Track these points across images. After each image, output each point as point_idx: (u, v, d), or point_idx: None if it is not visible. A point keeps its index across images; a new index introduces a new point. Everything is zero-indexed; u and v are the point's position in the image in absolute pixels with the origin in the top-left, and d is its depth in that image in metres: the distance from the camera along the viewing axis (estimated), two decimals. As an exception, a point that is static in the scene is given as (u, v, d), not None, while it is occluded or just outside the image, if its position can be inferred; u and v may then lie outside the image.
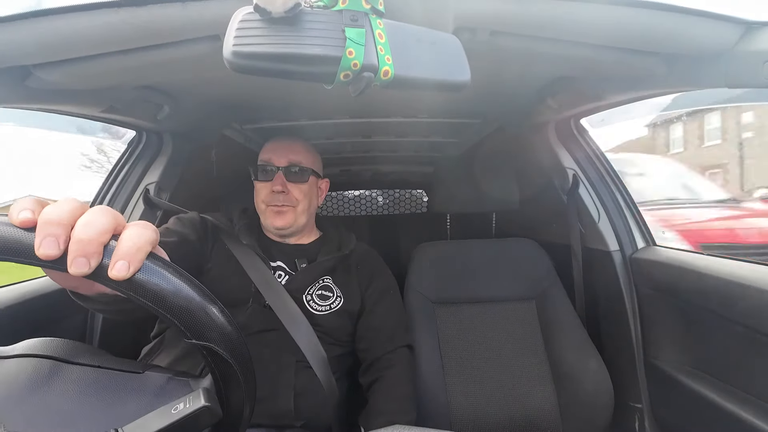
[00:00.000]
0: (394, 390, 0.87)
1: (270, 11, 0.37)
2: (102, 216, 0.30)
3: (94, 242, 0.29)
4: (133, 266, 0.30)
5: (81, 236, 0.29)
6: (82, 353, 0.37)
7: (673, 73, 0.68)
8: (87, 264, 0.29)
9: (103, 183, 1.11)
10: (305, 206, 0.94)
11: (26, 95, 0.65)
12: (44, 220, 0.29)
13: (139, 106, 0.88)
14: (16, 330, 0.80)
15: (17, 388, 0.33)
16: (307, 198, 0.94)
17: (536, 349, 1.08)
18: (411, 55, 0.43)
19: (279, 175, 0.91)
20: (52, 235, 0.28)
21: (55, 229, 0.29)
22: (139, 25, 0.52)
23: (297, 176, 0.93)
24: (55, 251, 0.28)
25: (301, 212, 0.94)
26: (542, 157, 1.23)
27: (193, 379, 0.37)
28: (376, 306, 0.95)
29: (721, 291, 0.80)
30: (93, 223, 0.30)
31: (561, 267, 1.19)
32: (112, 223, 0.31)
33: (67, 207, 0.30)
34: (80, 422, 0.32)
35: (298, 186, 0.93)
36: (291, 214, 0.92)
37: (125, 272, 0.29)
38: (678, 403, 0.93)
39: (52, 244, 0.28)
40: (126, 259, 0.29)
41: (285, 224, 0.92)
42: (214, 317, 0.33)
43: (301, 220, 0.94)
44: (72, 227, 0.29)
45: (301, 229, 0.97)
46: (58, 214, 0.29)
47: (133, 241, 0.30)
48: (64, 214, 0.29)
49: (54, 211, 0.30)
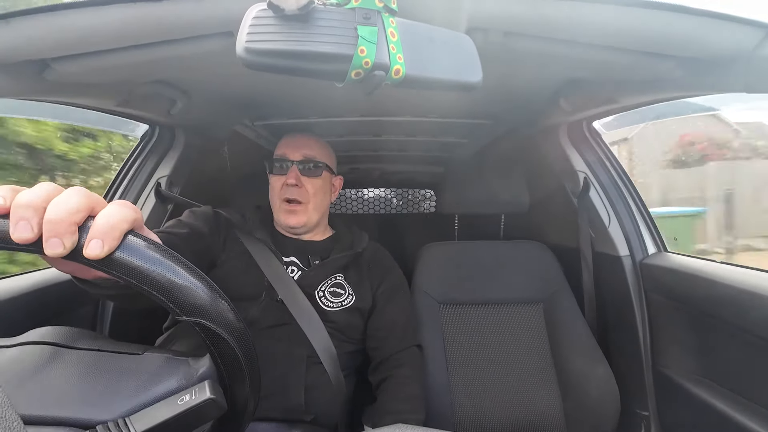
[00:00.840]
0: (403, 389, 0.87)
1: (283, 8, 0.37)
2: (74, 196, 0.30)
3: (65, 221, 0.29)
4: (107, 244, 0.29)
5: (51, 216, 0.29)
6: (82, 338, 0.38)
7: (688, 77, 0.67)
8: (61, 244, 0.29)
9: (115, 176, 1.12)
10: (318, 202, 0.94)
11: (44, 88, 0.66)
12: (16, 204, 0.29)
13: (153, 101, 0.89)
14: (28, 319, 0.82)
15: (20, 373, 0.33)
16: (320, 193, 0.95)
17: (542, 353, 1.07)
18: (423, 55, 0.42)
19: (293, 169, 0.92)
20: (25, 218, 0.29)
21: (27, 212, 0.29)
22: (154, 20, 0.52)
23: (311, 171, 0.93)
24: (29, 234, 0.28)
25: (314, 209, 0.94)
26: (553, 159, 1.22)
27: (192, 358, 0.37)
28: (386, 305, 0.95)
29: (732, 299, 0.79)
30: (63, 203, 0.30)
31: (570, 271, 1.18)
32: (86, 203, 0.30)
33: (39, 190, 0.30)
34: (82, 402, 0.32)
35: (311, 180, 0.93)
36: (303, 214, 0.92)
37: (99, 250, 0.29)
38: (686, 412, 0.92)
39: (25, 227, 0.28)
40: (100, 237, 0.29)
41: (298, 223, 0.92)
42: (202, 291, 0.32)
43: (313, 218, 0.95)
44: (45, 210, 0.29)
45: (313, 226, 0.97)
46: (28, 198, 0.29)
47: (107, 218, 0.30)
48: (36, 197, 0.30)
49: (26, 195, 0.30)
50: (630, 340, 1.05)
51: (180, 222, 0.86)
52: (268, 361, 0.78)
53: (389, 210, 2.48)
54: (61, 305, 0.91)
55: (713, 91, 0.69)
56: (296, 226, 0.93)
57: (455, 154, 1.73)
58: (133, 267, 0.30)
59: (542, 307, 1.13)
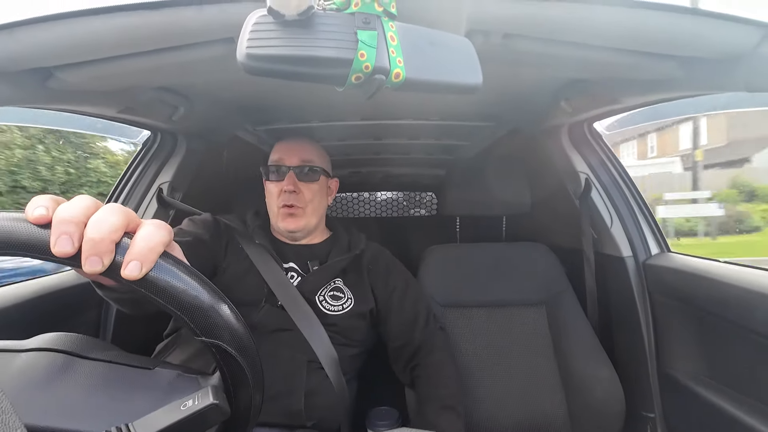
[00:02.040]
0: (441, 373, 0.90)
1: (283, 14, 0.37)
2: (113, 215, 0.31)
3: (106, 240, 0.30)
4: (145, 266, 0.30)
5: (93, 235, 0.29)
6: (95, 348, 0.38)
7: (690, 77, 0.67)
8: (100, 262, 0.29)
9: (117, 182, 1.13)
10: (315, 206, 0.95)
11: (47, 96, 0.67)
12: (59, 219, 0.30)
13: (155, 107, 0.90)
14: (33, 324, 0.83)
15: (31, 381, 0.33)
16: (317, 197, 0.95)
17: (546, 354, 1.07)
18: (423, 58, 0.42)
19: (290, 175, 0.92)
20: (66, 233, 0.29)
21: (69, 227, 0.29)
22: (156, 27, 0.53)
23: (308, 176, 0.93)
24: (70, 249, 0.29)
25: (312, 213, 0.94)
26: (555, 160, 1.22)
27: (202, 376, 0.38)
28: (402, 302, 0.96)
29: (737, 299, 0.78)
30: (104, 222, 0.30)
31: (572, 272, 1.17)
32: (123, 221, 0.31)
33: (80, 205, 0.31)
34: (91, 415, 0.32)
35: (309, 186, 0.93)
36: (302, 218, 0.92)
37: (137, 272, 0.30)
38: (692, 413, 0.91)
39: (66, 242, 0.29)
40: (139, 260, 0.30)
41: (296, 227, 0.92)
42: (225, 316, 0.33)
43: (312, 221, 0.95)
44: (85, 225, 0.30)
45: (312, 230, 0.97)
46: (70, 212, 0.30)
47: (146, 241, 0.31)
48: (77, 212, 0.30)
49: (67, 209, 0.30)
50: (634, 341, 1.05)
51: (181, 231, 0.86)
52: (269, 366, 0.78)
53: (391, 213, 2.48)
54: (66, 310, 0.91)
55: (714, 91, 0.69)
56: (295, 230, 0.93)
57: (456, 156, 1.73)
58: (163, 288, 0.31)
59: (545, 308, 1.13)
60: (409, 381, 0.96)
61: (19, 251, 0.29)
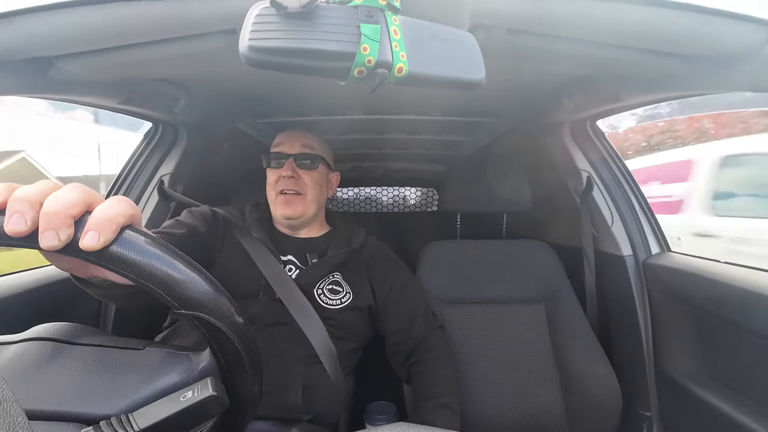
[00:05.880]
0: (437, 372, 0.90)
1: (286, 6, 0.37)
2: (72, 191, 0.30)
3: (61, 215, 0.29)
4: (103, 236, 0.29)
5: (48, 209, 0.29)
6: (84, 334, 0.38)
7: (694, 75, 0.66)
8: (56, 237, 0.29)
9: (119, 173, 1.13)
10: (315, 195, 0.94)
11: (48, 86, 0.66)
12: (12, 199, 0.29)
13: (156, 99, 0.89)
14: (32, 316, 0.83)
15: (23, 369, 0.34)
16: (317, 186, 0.95)
17: (544, 352, 1.07)
18: (426, 52, 0.42)
19: (290, 162, 0.92)
20: (19, 212, 0.29)
21: (22, 206, 0.29)
22: (158, 18, 0.53)
23: (307, 164, 0.94)
24: (22, 227, 0.28)
25: (311, 202, 0.94)
26: (556, 158, 1.22)
27: (193, 353, 0.37)
28: (400, 298, 0.96)
29: (737, 299, 0.78)
30: (61, 198, 0.30)
31: (572, 270, 1.18)
32: (83, 198, 0.31)
33: (36, 186, 0.30)
34: (85, 396, 0.32)
35: (308, 173, 0.93)
36: (301, 204, 0.92)
37: (95, 242, 0.29)
38: (689, 412, 0.91)
39: (18, 220, 0.28)
40: (95, 229, 0.29)
41: (294, 213, 0.92)
42: (203, 286, 0.32)
43: (311, 210, 0.94)
44: (41, 205, 0.30)
45: (310, 220, 0.97)
46: (24, 192, 0.30)
47: (103, 211, 0.30)
48: (32, 192, 0.30)
49: (22, 189, 0.30)
50: (632, 339, 1.05)
51: (178, 222, 0.86)
52: (267, 359, 0.78)
53: (391, 208, 2.48)
54: (65, 302, 0.91)
55: (718, 90, 0.69)
56: (293, 216, 0.92)
57: (458, 152, 1.73)
58: (130, 261, 0.30)
59: (544, 306, 1.13)
60: (406, 377, 0.96)
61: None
